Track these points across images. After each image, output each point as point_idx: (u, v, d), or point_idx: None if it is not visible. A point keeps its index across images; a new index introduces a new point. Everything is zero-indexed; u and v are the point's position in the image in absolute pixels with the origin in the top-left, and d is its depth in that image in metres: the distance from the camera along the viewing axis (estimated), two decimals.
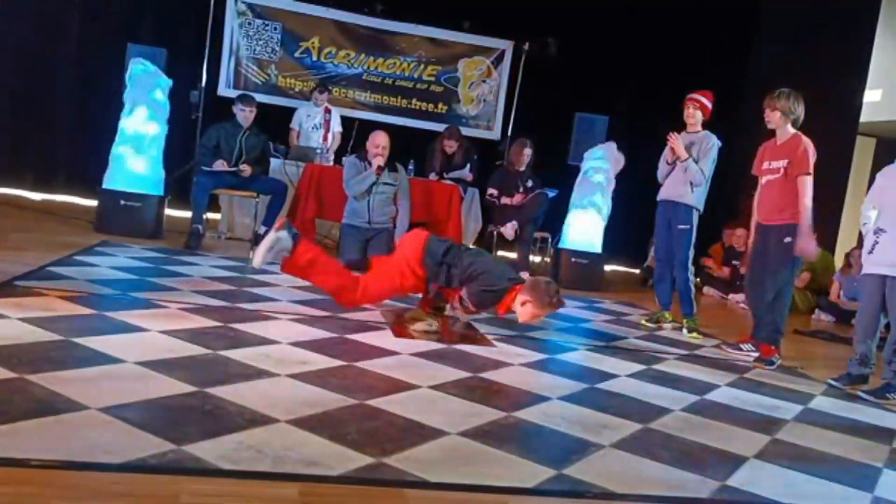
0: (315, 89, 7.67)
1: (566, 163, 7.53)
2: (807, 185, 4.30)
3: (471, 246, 4.03)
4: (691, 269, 5.13)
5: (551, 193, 6.80)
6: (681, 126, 5.19)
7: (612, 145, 7.03)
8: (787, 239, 4.35)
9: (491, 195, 6.83)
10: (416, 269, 3.81)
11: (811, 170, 4.32)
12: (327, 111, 7.57)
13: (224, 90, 8.28)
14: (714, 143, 5.05)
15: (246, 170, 6.14)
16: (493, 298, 3.78)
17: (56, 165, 8.12)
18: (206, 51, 7.72)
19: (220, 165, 6.09)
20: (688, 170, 4.97)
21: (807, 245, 4.32)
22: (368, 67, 8.82)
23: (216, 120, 6.62)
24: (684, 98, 5.19)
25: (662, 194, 5.21)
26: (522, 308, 3.75)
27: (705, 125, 5.16)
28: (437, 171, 7.22)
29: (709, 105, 5.10)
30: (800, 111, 4.40)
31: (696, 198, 5.08)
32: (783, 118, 4.40)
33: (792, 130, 4.43)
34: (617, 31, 8.83)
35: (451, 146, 7.25)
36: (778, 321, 4.44)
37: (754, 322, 4.66)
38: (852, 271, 7.13)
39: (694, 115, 5.10)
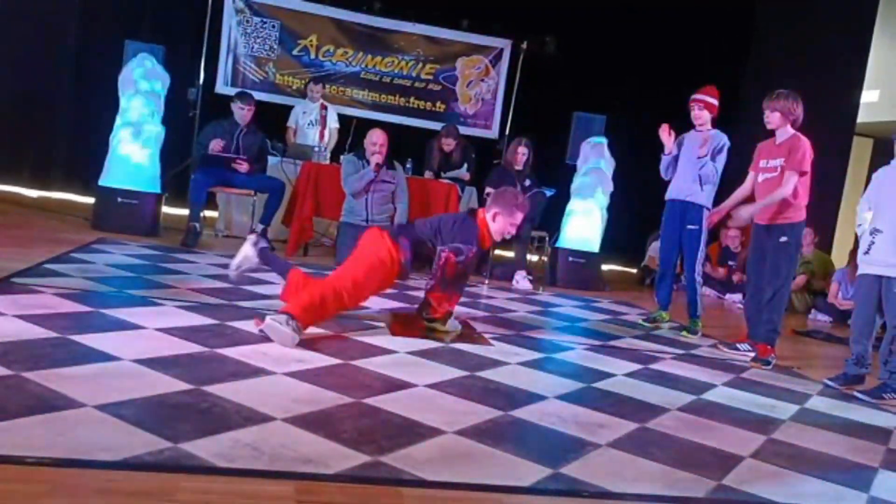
0: (309, 82, 7.69)
1: (564, 162, 7.53)
2: (791, 181, 4.31)
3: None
4: (699, 270, 5.12)
5: (549, 192, 6.81)
6: (682, 126, 5.19)
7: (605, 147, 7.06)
8: (783, 238, 4.36)
9: (489, 194, 6.82)
10: (393, 253, 3.69)
11: (806, 170, 4.33)
12: (323, 108, 7.57)
13: (222, 88, 8.27)
14: (726, 143, 5.04)
15: (242, 164, 6.12)
16: (468, 236, 3.77)
17: (53, 162, 8.11)
18: (204, 48, 7.70)
19: (215, 144, 6.08)
20: (704, 167, 4.96)
21: (741, 212, 4.46)
22: (366, 66, 8.81)
23: (214, 117, 6.62)
24: (686, 98, 5.18)
25: (672, 193, 5.20)
26: (495, 225, 3.85)
27: (715, 121, 5.15)
28: (434, 169, 7.21)
29: (714, 102, 5.08)
30: (798, 111, 4.42)
31: (707, 197, 5.07)
32: (782, 119, 4.41)
33: (791, 131, 4.44)
34: (615, 30, 8.83)
35: (448, 144, 7.25)
36: (775, 320, 4.45)
37: (748, 322, 4.67)
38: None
39: (701, 116, 5.09)
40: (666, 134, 5.11)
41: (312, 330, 3.54)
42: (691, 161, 5.02)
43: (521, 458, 2.23)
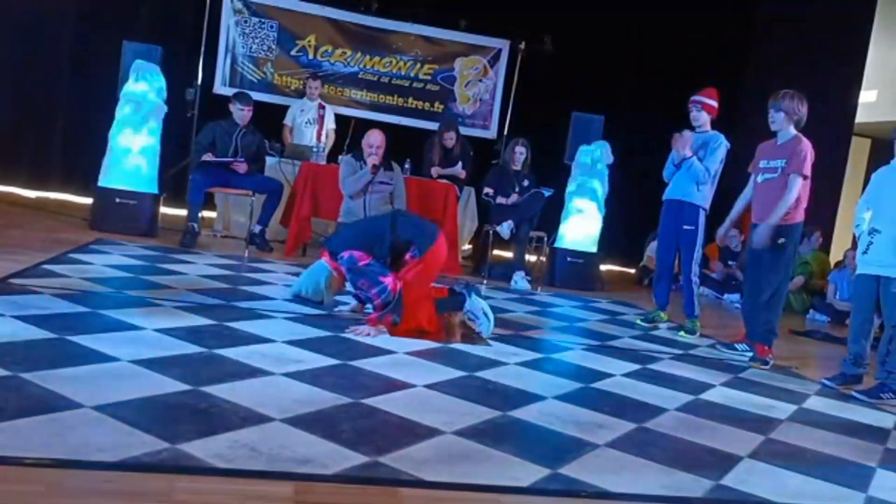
0: (308, 78, 7.68)
1: (562, 162, 7.53)
2: (796, 185, 4.30)
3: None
4: (696, 270, 5.11)
5: (547, 193, 6.80)
6: (684, 127, 5.18)
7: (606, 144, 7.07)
8: (782, 240, 4.35)
9: (487, 194, 6.82)
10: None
11: (807, 172, 4.31)
12: (321, 107, 7.56)
13: (220, 88, 8.25)
14: (721, 143, 5.02)
15: (240, 164, 6.12)
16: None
17: (51, 163, 8.09)
18: (203, 48, 7.70)
19: (207, 157, 6.08)
20: (692, 167, 4.96)
21: (760, 239, 4.33)
22: (365, 66, 8.80)
23: (212, 118, 6.60)
24: (685, 98, 5.18)
25: (668, 193, 5.19)
26: None
27: (714, 122, 5.14)
28: (437, 164, 7.16)
29: (712, 103, 5.07)
30: (803, 112, 4.40)
31: (703, 197, 5.06)
32: (787, 119, 4.40)
33: (793, 132, 4.43)
34: (613, 30, 8.83)
35: (451, 138, 7.18)
36: (772, 321, 4.45)
37: (746, 323, 4.67)
38: (846, 270, 7.16)
39: (698, 118, 5.08)
40: (681, 143, 5.04)
41: (310, 330, 3.55)
42: (687, 162, 5.02)
43: (519, 459, 2.23)
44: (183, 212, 6.36)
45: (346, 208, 5.81)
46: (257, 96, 7.12)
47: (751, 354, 4.49)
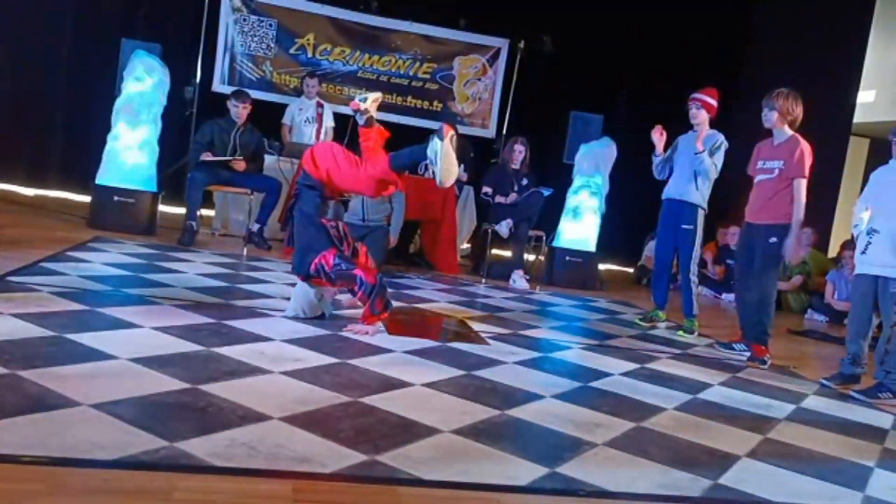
0: (305, 77, 7.67)
1: (561, 161, 7.53)
2: (801, 188, 4.31)
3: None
4: (694, 269, 5.11)
5: (546, 192, 6.80)
6: (681, 126, 5.18)
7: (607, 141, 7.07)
8: (773, 239, 4.35)
9: (486, 194, 6.82)
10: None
11: (807, 174, 4.32)
12: (320, 105, 7.55)
13: (219, 86, 8.24)
14: (723, 141, 5.03)
15: (239, 162, 6.11)
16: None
17: (49, 161, 8.08)
18: (201, 47, 7.70)
19: (206, 156, 6.07)
20: (703, 162, 4.95)
21: (794, 249, 4.33)
22: (364, 65, 8.79)
23: (211, 116, 6.60)
24: (684, 97, 5.18)
25: (667, 193, 5.19)
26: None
27: (713, 122, 5.14)
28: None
29: (712, 102, 5.06)
30: (798, 112, 4.40)
31: (701, 197, 5.06)
32: (781, 119, 4.40)
33: (789, 132, 4.42)
34: (613, 29, 8.82)
35: None
36: (765, 322, 4.44)
37: (741, 322, 4.67)
38: (844, 270, 7.16)
39: (697, 115, 5.07)
40: (658, 135, 5.11)
41: (309, 328, 3.55)
42: (688, 160, 5.02)
43: (517, 458, 2.23)
44: (181, 210, 6.36)
45: None
46: (256, 94, 7.11)
47: (748, 354, 4.50)
